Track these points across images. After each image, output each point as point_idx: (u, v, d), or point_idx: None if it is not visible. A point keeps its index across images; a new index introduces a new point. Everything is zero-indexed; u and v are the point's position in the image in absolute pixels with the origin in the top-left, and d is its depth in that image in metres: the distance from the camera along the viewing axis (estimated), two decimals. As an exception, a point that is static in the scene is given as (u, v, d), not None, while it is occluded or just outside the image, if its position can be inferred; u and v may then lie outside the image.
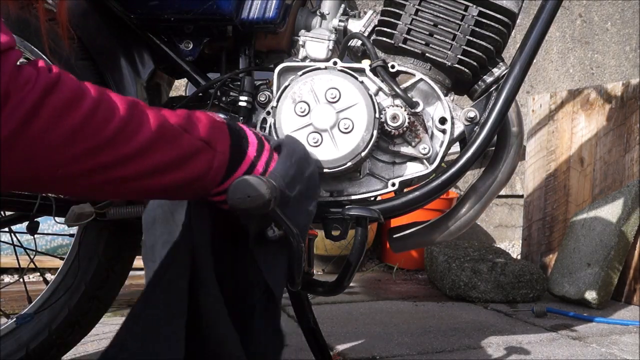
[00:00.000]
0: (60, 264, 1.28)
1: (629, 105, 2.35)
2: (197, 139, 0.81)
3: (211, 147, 0.82)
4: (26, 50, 1.19)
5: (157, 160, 0.76)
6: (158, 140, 0.76)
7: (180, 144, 0.79)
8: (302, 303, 1.34)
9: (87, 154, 0.70)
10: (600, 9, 3.43)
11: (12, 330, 1.26)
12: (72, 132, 0.68)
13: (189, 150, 0.80)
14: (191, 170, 0.80)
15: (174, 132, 0.79)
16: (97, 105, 0.71)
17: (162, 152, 0.77)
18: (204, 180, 0.83)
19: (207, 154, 0.82)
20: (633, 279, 2.28)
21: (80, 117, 0.69)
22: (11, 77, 0.64)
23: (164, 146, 0.77)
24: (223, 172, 0.85)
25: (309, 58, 1.22)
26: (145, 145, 0.75)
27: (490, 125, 1.12)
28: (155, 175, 0.77)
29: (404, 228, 1.26)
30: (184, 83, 1.45)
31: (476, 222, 2.33)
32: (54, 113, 0.67)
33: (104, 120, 0.71)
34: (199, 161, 0.81)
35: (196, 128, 0.82)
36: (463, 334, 1.84)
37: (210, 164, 0.82)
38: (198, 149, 0.81)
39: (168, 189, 0.81)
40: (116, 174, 0.74)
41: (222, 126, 0.86)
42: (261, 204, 0.83)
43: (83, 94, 0.71)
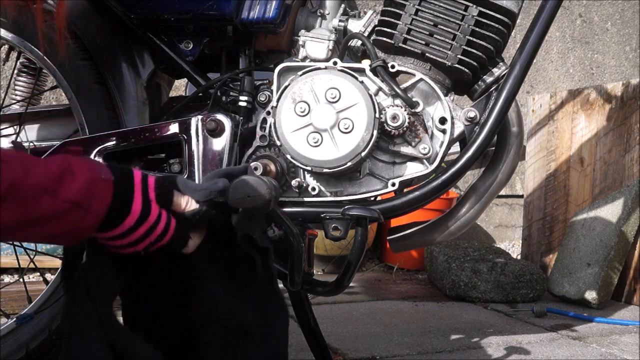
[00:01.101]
0: (60, 264, 1.28)
1: (629, 105, 2.35)
2: (63, 201, 0.76)
3: (82, 208, 0.78)
4: (26, 50, 1.19)
5: (6, 219, 0.72)
6: (5, 199, 0.72)
7: (35, 206, 0.74)
8: (302, 303, 1.34)
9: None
10: (600, 9, 3.43)
11: (12, 330, 1.26)
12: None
13: (47, 212, 0.75)
14: (52, 228, 0.77)
15: (29, 193, 0.74)
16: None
17: (10, 211, 0.72)
18: (70, 235, 0.80)
19: (75, 214, 0.77)
20: (633, 279, 2.28)
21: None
22: None
23: (12, 206, 0.72)
24: (93, 230, 0.81)
25: (309, 58, 1.22)
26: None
27: (490, 125, 1.12)
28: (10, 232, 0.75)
29: (404, 228, 1.26)
30: (184, 83, 1.45)
31: (476, 222, 2.33)
32: None
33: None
34: (63, 221, 0.77)
35: (65, 189, 0.76)
36: (463, 334, 1.84)
37: (77, 223, 0.78)
38: (60, 211, 0.76)
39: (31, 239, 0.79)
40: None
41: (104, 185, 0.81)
42: (261, 204, 0.83)
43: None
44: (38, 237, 0.78)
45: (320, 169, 1.08)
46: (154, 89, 1.30)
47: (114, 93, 1.22)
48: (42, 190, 0.74)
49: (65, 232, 0.78)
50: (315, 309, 1.41)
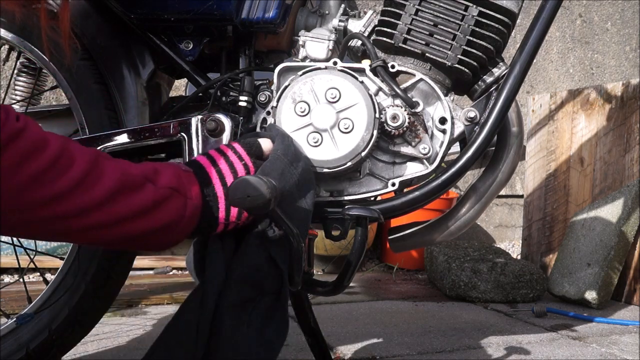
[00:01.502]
0: (60, 264, 1.28)
1: (629, 105, 2.35)
2: (163, 187, 0.81)
3: (181, 194, 0.83)
4: (27, 50, 1.19)
5: (118, 211, 0.77)
6: (119, 190, 0.77)
7: (143, 193, 0.79)
8: (302, 303, 1.34)
9: (45, 203, 0.72)
10: (600, 9, 3.43)
11: (12, 330, 1.25)
12: (31, 180, 0.70)
13: (155, 199, 0.80)
14: (160, 218, 0.81)
15: (135, 182, 0.79)
16: (59, 155, 0.73)
17: (123, 202, 0.78)
18: (177, 226, 0.83)
19: (177, 200, 0.82)
20: (633, 279, 2.28)
21: (40, 166, 0.71)
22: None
23: (125, 196, 0.78)
24: (197, 219, 0.85)
25: (309, 58, 1.22)
26: (106, 195, 0.76)
27: (490, 125, 1.12)
28: (120, 225, 0.78)
29: (403, 228, 1.26)
30: (184, 83, 1.45)
31: (476, 222, 2.33)
32: (16, 159, 0.69)
33: (65, 169, 0.73)
34: (169, 208, 0.81)
35: (161, 177, 0.82)
36: (463, 334, 1.84)
37: (182, 211, 0.83)
38: (166, 197, 0.81)
39: (136, 237, 0.81)
40: (77, 223, 0.75)
41: (189, 175, 0.87)
42: (261, 203, 0.84)
43: (46, 144, 0.73)
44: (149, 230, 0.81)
45: (320, 169, 1.08)
46: (154, 89, 1.30)
47: (114, 93, 1.22)
48: (145, 179, 0.80)
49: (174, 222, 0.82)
50: (315, 309, 1.41)
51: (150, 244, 0.85)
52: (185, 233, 0.86)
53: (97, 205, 0.75)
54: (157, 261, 2.67)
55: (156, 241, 0.84)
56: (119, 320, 1.91)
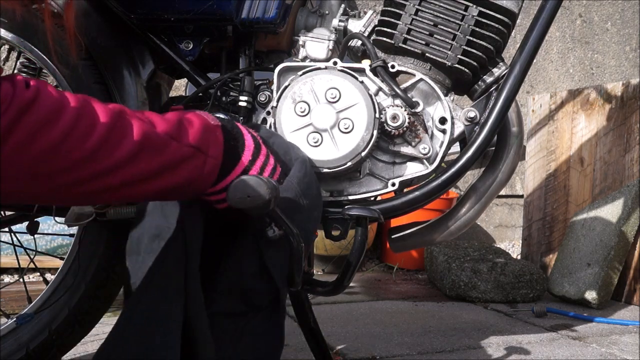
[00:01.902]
0: (60, 264, 1.28)
1: (629, 105, 2.35)
2: (186, 145, 0.81)
3: (202, 152, 0.82)
4: (26, 50, 1.19)
5: (141, 169, 0.77)
6: (142, 150, 0.76)
7: (166, 152, 0.79)
8: (302, 303, 1.34)
9: (68, 168, 0.71)
10: (600, 9, 3.43)
11: (12, 330, 1.26)
12: (52, 148, 0.69)
13: (177, 158, 0.80)
14: (180, 176, 0.81)
15: (160, 141, 0.78)
16: (77, 119, 0.71)
17: (147, 161, 0.77)
18: (195, 184, 0.83)
19: (197, 159, 0.82)
20: (633, 279, 2.28)
21: (58, 133, 0.69)
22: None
23: (148, 155, 0.77)
24: (215, 176, 0.85)
25: (309, 58, 1.22)
26: (128, 156, 0.75)
27: (490, 125, 1.12)
28: (142, 183, 0.78)
29: (403, 228, 1.26)
30: (184, 83, 1.45)
31: (476, 222, 2.33)
32: (30, 131, 0.67)
33: (84, 134, 0.72)
34: (188, 167, 0.81)
35: (186, 134, 0.81)
36: (463, 334, 1.84)
37: (200, 169, 0.83)
38: (187, 156, 0.81)
39: (157, 194, 0.81)
40: (100, 183, 0.74)
41: (216, 130, 0.86)
42: (261, 203, 0.84)
43: (62, 109, 0.71)
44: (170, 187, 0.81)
45: (320, 169, 1.08)
46: (154, 89, 1.30)
47: (114, 93, 1.22)
48: (169, 137, 0.79)
49: (192, 180, 0.82)
50: (315, 309, 1.41)
51: (172, 196, 0.85)
52: (205, 187, 0.86)
53: (119, 166, 0.74)
54: (157, 261, 2.66)
55: (178, 193, 0.84)
56: (119, 320, 1.90)
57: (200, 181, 0.84)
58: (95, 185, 0.74)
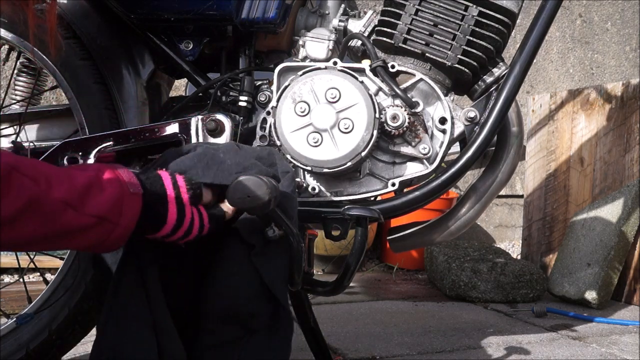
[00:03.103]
0: (60, 264, 1.28)
1: (629, 105, 2.35)
2: (87, 215, 0.75)
3: (109, 222, 0.77)
4: (26, 50, 1.19)
5: (27, 232, 0.72)
6: (24, 214, 0.71)
7: (57, 221, 0.73)
8: (302, 303, 1.34)
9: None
10: (600, 9, 3.43)
11: (12, 330, 1.26)
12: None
13: (71, 226, 0.74)
14: (77, 242, 0.77)
15: (51, 207, 0.73)
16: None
17: (30, 226, 0.72)
18: (103, 246, 0.80)
19: (102, 227, 0.77)
20: (633, 279, 2.28)
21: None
22: None
23: (31, 221, 0.72)
24: (123, 242, 0.81)
25: (309, 58, 1.22)
26: (8, 216, 0.70)
27: (490, 125, 1.12)
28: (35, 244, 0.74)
29: (403, 228, 1.26)
30: (184, 83, 1.45)
31: (476, 222, 2.33)
32: None
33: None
34: (90, 235, 0.77)
35: (90, 202, 0.76)
36: (463, 334, 1.84)
37: (107, 235, 0.78)
38: (86, 226, 0.75)
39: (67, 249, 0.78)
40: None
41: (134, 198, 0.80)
42: (261, 204, 0.84)
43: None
44: (67, 248, 0.78)
45: (320, 169, 1.08)
46: (154, 89, 1.30)
47: (114, 93, 1.22)
48: (65, 205, 0.74)
49: (94, 244, 0.78)
50: (315, 309, 1.41)
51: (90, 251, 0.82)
52: (116, 247, 0.82)
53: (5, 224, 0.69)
54: (157, 261, 2.66)
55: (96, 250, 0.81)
56: (119, 320, 1.90)
57: (108, 244, 0.80)
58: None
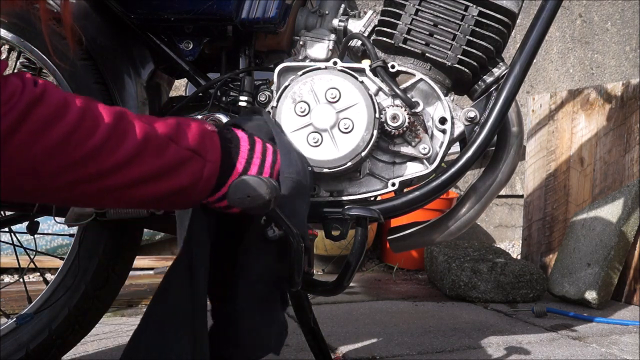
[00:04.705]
0: (60, 264, 1.28)
1: (629, 105, 2.35)
2: (185, 148, 0.81)
3: (201, 157, 0.83)
4: (26, 50, 1.19)
5: (142, 170, 0.77)
6: (143, 150, 0.77)
7: (167, 154, 0.79)
8: (302, 303, 1.34)
9: (71, 166, 0.71)
10: (600, 9, 3.43)
11: (12, 330, 1.26)
12: (56, 145, 0.70)
13: (176, 160, 0.80)
14: (180, 180, 0.81)
15: (160, 142, 0.79)
16: (81, 118, 0.72)
17: (148, 162, 0.77)
18: (195, 189, 0.83)
19: (197, 163, 0.82)
20: (633, 279, 2.28)
21: (63, 131, 0.70)
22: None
23: (149, 157, 0.77)
24: (214, 181, 0.85)
25: (309, 58, 1.22)
26: (129, 156, 0.75)
27: (490, 125, 1.12)
28: (142, 185, 0.78)
29: (403, 228, 1.26)
30: (184, 83, 1.45)
31: (476, 222, 2.33)
32: (37, 127, 0.68)
33: (88, 133, 0.72)
34: (188, 171, 0.81)
35: (185, 137, 0.82)
36: (463, 334, 1.84)
37: (199, 174, 0.83)
38: (186, 159, 0.81)
39: (158, 198, 0.81)
40: (102, 184, 0.75)
41: (213, 135, 0.86)
42: (261, 204, 0.84)
43: (67, 107, 0.72)
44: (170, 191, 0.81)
45: (320, 169, 1.08)
46: (154, 89, 1.30)
47: (114, 93, 1.22)
48: (169, 139, 0.80)
49: (191, 185, 0.82)
50: (315, 309, 1.41)
51: (170, 203, 0.84)
52: (203, 195, 0.86)
53: (120, 166, 0.75)
54: (157, 261, 2.67)
55: (176, 201, 0.84)
56: (119, 320, 1.91)
57: (200, 186, 0.83)
58: (97, 185, 0.74)
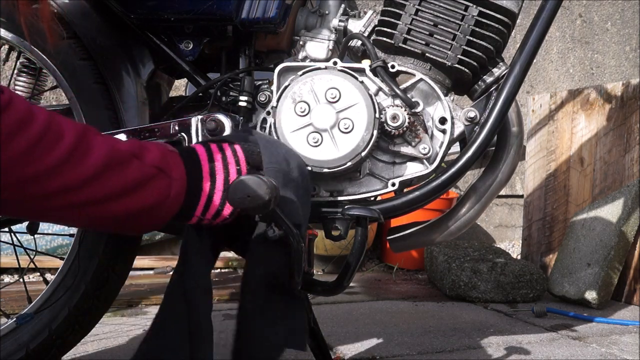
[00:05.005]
0: (60, 264, 1.28)
1: (629, 105, 2.35)
2: (150, 165, 0.81)
3: (165, 174, 0.82)
4: (26, 50, 1.19)
5: (108, 186, 0.76)
6: (108, 165, 0.76)
7: (130, 170, 0.78)
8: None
9: (33, 178, 0.70)
10: (600, 9, 3.43)
11: (12, 330, 1.26)
12: (19, 155, 0.68)
13: (141, 177, 0.79)
14: (146, 198, 0.80)
15: (124, 158, 0.78)
16: (45, 130, 0.71)
17: (113, 178, 0.77)
18: (162, 208, 0.83)
19: (162, 181, 0.82)
20: (633, 279, 2.28)
21: (27, 141, 0.69)
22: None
23: (114, 172, 0.77)
24: (182, 198, 0.84)
25: (309, 58, 1.22)
26: (94, 171, 0.75)
27: (490, 125, 1.12)
28: (108, 202, 0.77)
29: (403, 228, 1.26)
30: (184, 83, 1.45)
31: (476, 222, 2.33)
32: (3, 135, 0.67)
33: (52, 144, 0.71)
34: (154, 188, 0.81)
35: (148, 155, 0.81)
36: (463, 334, 1.84)
37: (167, 192, 0.82)
38: (151, 176, 0.80)
39: (122, 218, 0.80)
40: (66, 199, 0.74)
41: (174, 154, 0.86)
42: (261, 204, 0.84)
43: (32, 118, 0.71)
44: (137, 209, 0.80)
45: (320, 169, 1.08)
46: (154, 89, 1.30)
47: (114, 93, 1.21)
48: (132, 155, 0.79)
49: (159, 202, 0.81)
50: (315, 309, 1.41)
51: (136, 224, 0.83)
52: (170, 214, 0.85)
53: (85, 181, 0.74)
54: (157, 261, 2.67)
55: (142, 222, 0.83)
56: (119, 320, 1.91)
57: (166, 205, 0.83)
58: (62, 200, 0.73)
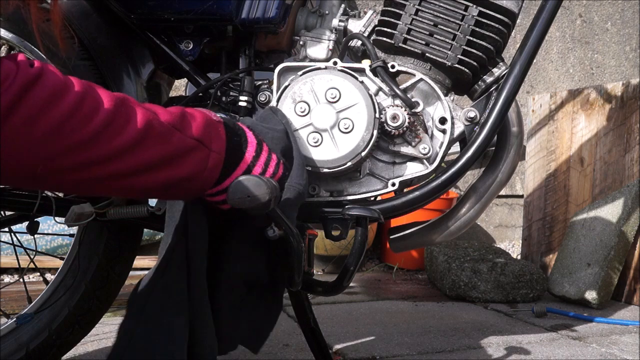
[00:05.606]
0: (60, 264, 1.28)
1: (629, 105, 2.35)
2: (190, 137, 0.80)
3: (205, 146, 0.81)
4: (26, 50, 1.19)
5: (144, 158, 0.75)
6: (145, 138, 0.75)
7: (170, 142, 0.77)
8: (302, 303, 1.34)
9: (69, 151, 0.69)
10: (600, 9, 3.43)
11: (12, 330, 1.26)
12: (53, 128, 0.67)
13: (179, 149, 0.79)
14: (183, 169, 0.79)
15: (163, 130, 0.77)
16: (81, 102, 0.70)
17: (150, 150, 0.75)
18: (198, 179, 0.82)
19: (201, 152, 0.81)
20: (633, 279, 2.28)
21: (61, 114, 0.68)
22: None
23: (151, 144, 0.76)
24: (218, 172, 0.84)
25: (309, 58, 1.22)
26: (130, 143, 0.73)
27: (490, 125, 1.12)
28: (144, 173, 0.76)
29: (403, 228, 1.26)
30: (184, 83, 1.45)
31: (476, 222, 2.33)
32: (32, 110, 0.66)
33: (88, 116, 0.70)
34: (192, 160, 0.80)
35: (189, 126, 0.80)
36: (463, 334, 1.84)
37: (204, 164, 0.82)
38: (190, 148, 0.80)
39: (159, 188, 0.79)
40: (101, 170, 0.73)
41: (218, 126, 0.85)
42: (261, 204, 0.84)
43: (66, 89, 0.69)
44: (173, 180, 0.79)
45: (320, 168, 1.08)
46: (154, 89, 1.30)
47: (114, 93, 1.21)
48: (172, 127, 0.78)
49: (195, 174, 0.81)
50: (315, 309, 1.41)
51: (174, 191, 0.83)
52: (208, 184, 0.84)
53: (122, 152, 0.73)
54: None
55: (181, 189, 0.82)
56: (119, 320, 1.90)
57: (203, 177, 0.82)
58: (96, 172, 0.72)
